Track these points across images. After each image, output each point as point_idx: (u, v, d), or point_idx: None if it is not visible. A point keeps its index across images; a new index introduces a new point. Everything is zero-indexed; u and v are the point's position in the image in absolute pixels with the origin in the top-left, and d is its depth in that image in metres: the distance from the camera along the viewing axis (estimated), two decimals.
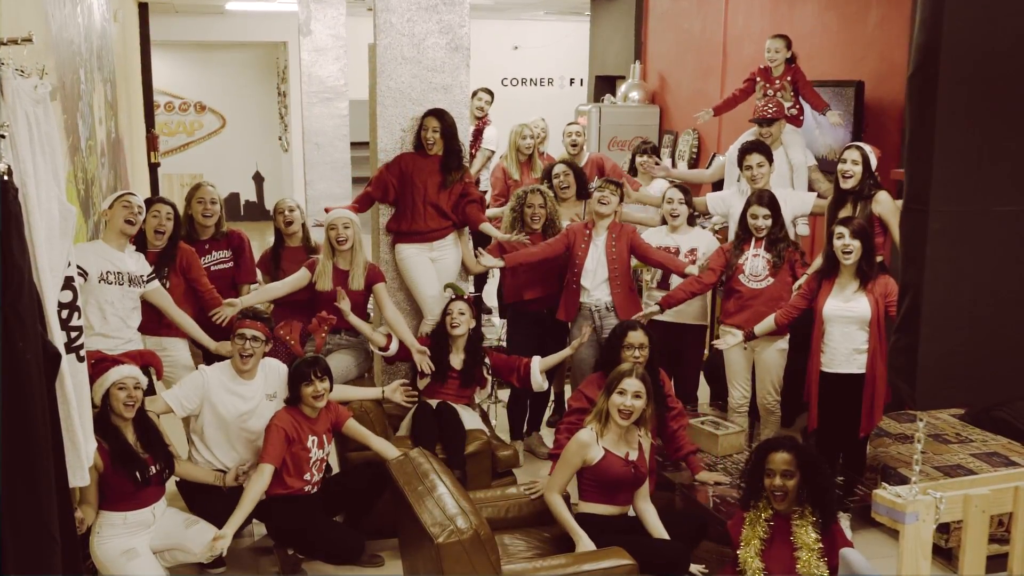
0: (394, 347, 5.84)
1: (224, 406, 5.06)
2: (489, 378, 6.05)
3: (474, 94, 8.70)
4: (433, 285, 6.19)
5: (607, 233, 6.14)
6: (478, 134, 8.82)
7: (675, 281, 6.31)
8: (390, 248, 6.33)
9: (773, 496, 4.18)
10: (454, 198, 6.16)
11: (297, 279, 5.89)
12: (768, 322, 5.69)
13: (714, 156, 9.11)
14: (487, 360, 5.96)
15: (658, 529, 4.57)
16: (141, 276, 5.32)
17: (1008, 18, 2.37)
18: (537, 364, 5.85)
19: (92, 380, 4.48)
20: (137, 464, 4.59)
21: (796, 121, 7.24)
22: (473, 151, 8.63)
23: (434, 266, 6.22)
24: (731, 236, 6.34)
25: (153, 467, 4.67)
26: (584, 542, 4.40)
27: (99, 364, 4.59)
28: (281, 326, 5.75)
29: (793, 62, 7.29)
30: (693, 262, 6.24)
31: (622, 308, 6.10)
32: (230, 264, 6.20)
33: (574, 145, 7.81)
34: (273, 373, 5.22)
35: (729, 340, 5.81)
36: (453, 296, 5.94)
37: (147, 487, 4.66)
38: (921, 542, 2.52)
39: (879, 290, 5.32)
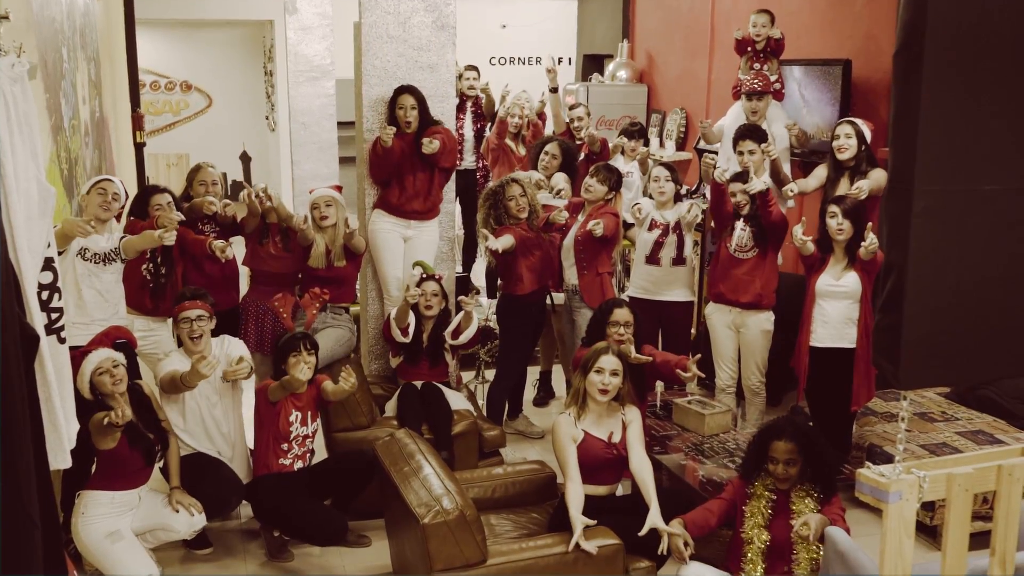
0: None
1: (191, 394, 5.03)
2: (448, 354, 5.95)
3: (460, 73, 8.66)
4: (396, 266, 6.19)
5: (586, 217, 6.17)
6: (479, 115, 8.77)
7: (664, 257, 6.31)
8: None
9: (777, 480, 4.25)
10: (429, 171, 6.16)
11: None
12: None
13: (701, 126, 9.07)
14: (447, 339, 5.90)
15: (648, 488, 4.44)
16: (115, 249, 5.31)
17: None
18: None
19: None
20: (144, 442, 4.59)
21: (779, 95, 7.27)
22: (475, 129, 8.64)
23: (407, 244, 6.22)
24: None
25: (157, 446, 4.70)
26: (578, 527, 4.27)
27: (73, 360, 4.54)
28: (277, 298, 5.78)
29: (775, 36, 7.27)
30: (680, 236, 6.25)
31: (587, 292, 6.14)
32: (216, 233, 6.19)
33: (578, 130, 7.88)
34: (221, 352, 5.17)
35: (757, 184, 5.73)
36: (423, 275, 5.91)
37: (150, 466, 4.69)
38: (904, 521, 2.52)
39: (868, 262, 5.39)
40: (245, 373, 4.91)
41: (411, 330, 5.75)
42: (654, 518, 4.29)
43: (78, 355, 4.57)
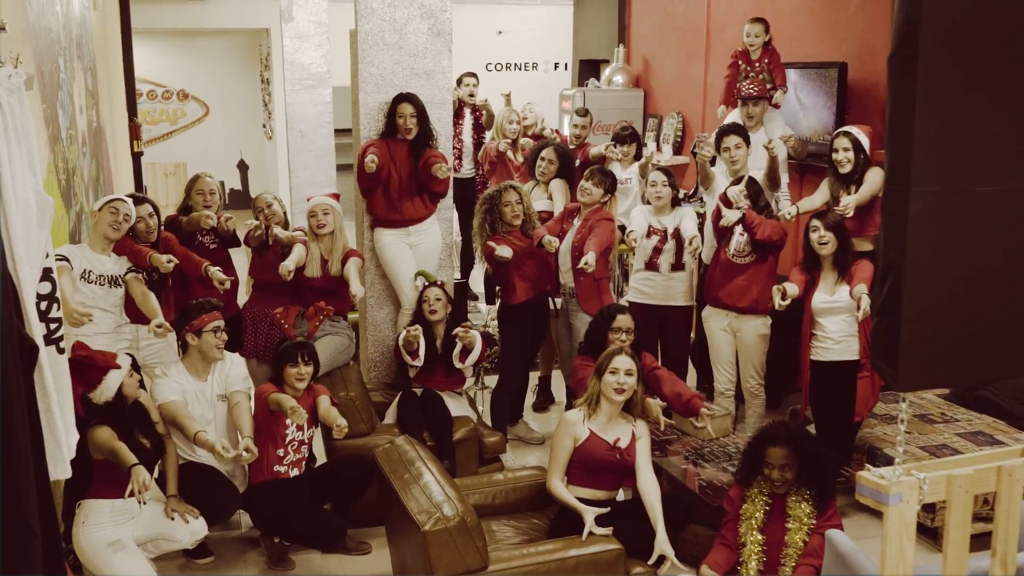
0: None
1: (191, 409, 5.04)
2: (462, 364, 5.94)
3: (460, 80, 8.68)
4: (408, 272, 6.18)
5: (583, 221, 6.17)
6: (478, 124, 8.78)
7: (663, 263, 6.31)
8: (371, 233, 6.31)
9: (773, 485, 4.28)
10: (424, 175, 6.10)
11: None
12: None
13: (697, 138, 9.09)
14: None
15: (655, 511, 4.45)
16: (120, 275, 5.34)
17: None
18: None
19: (92, 384, 4.46)
20: (139, 450, 4.58)
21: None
22: (474, 138, 8.66)
23: (413, 251, 6.20)
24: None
25: (154, 453, 4.68)
26: (588, 517, 4.38)
27: (84, 370, 4.53)
28: (279, 311, 5.78)
29: (769, 44, 7.33)
30: (678, 241, 6.24)
31: (583, 298, 6.14)
32: (216, 245, 6.20)
33: (578, 138, 7.95)
34: (221, 372, 5.17)
35: (731, 216, 5.79)
36: (425, 284, 5.92)
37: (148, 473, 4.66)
38: (905, 523, 2.52)
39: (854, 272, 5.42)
40: (252, 460, 4.84)
41: (422, 352, 5.74)
42: (663, 545, 4.31)
43: (96, 368, 4.58)
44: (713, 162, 6.61)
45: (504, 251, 6.01)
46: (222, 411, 5.10)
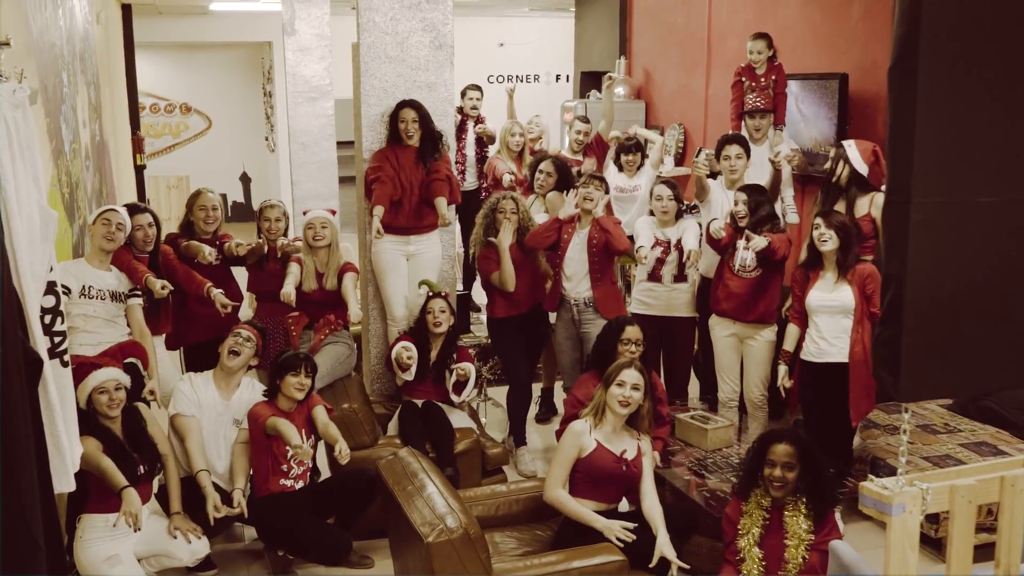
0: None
1: (206, 422, 5.07)
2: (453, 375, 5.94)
3: (464, 93, 8.70)
4: (399, 285, 6.17)
5: (592, 226, 6.16)
6: (480, 137, 8.79)
7: (666, 274, 6.32)
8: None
9: (772, 485, 4.22)
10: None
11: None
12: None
13: (700, 150, 9.11)
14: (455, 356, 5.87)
15: (655, 517, 4.48)
16: (123, 292, 5.30)
17: (987, 9, 2.37)
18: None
19: (75, 384, 4.47)
20: (127, 462, 4.56)
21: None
22: (478, 151, 8.67)
23: (410, 262, 6.20)
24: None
25: (141, 467, 4.64)
26: (606, 524, 4.42)
27: (80, 369, 4.55)
28: (292, 316, 5.80)
29: (775, 59, 7.31)
30: (681, 252, 6.24)
31: (603, 304, 6.13)
32: (219, 261, 6.19)
33: (580, 144, 7.95)
34: (246, 398, 5.20)
35: (759, 243, 5.73)
36: (429, 293, 5.91)
37: (135, 486, 4.61)
38: (908, 533, 2.52)
39: (859, 278, 5.40)
40: (237, 513, 4.90)
41: (414, 367, 5.75)
42: (664, 547, 4.32)
43: (87, 364, 4.58)
44: (714, 177, 6.62)
45: (504, 239, 6.03)
46: (232, 436, 5.12)
